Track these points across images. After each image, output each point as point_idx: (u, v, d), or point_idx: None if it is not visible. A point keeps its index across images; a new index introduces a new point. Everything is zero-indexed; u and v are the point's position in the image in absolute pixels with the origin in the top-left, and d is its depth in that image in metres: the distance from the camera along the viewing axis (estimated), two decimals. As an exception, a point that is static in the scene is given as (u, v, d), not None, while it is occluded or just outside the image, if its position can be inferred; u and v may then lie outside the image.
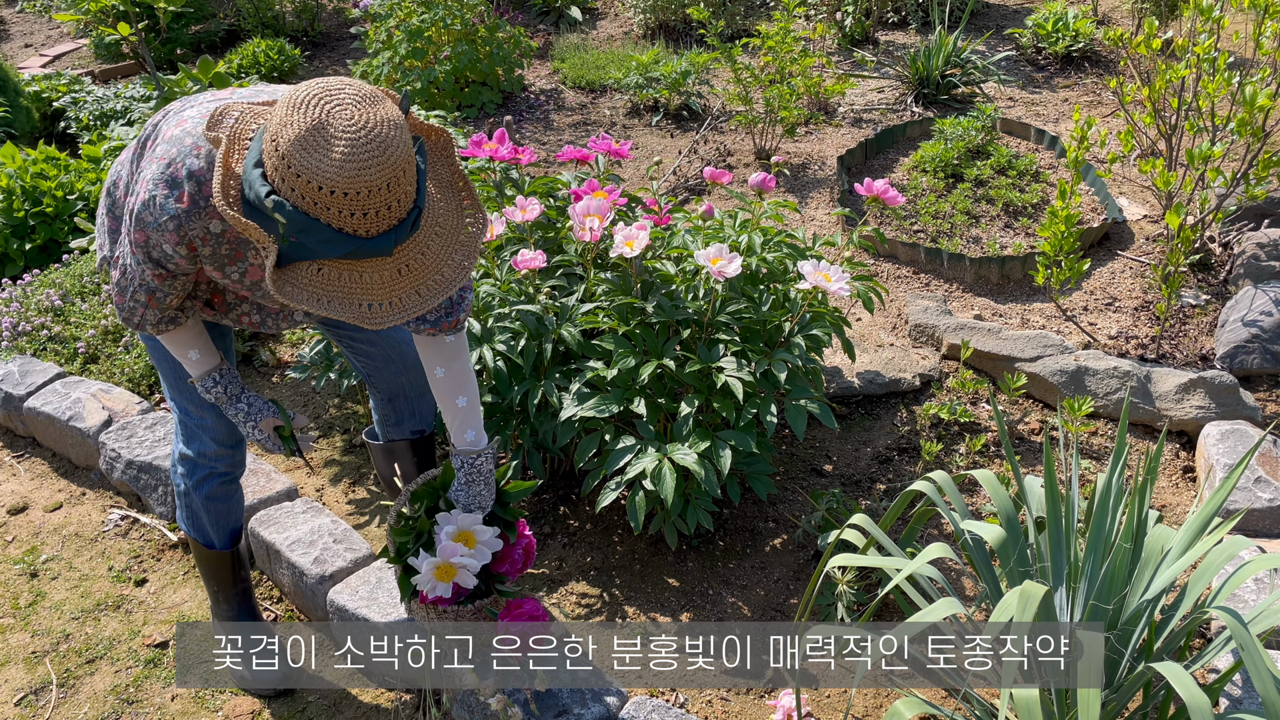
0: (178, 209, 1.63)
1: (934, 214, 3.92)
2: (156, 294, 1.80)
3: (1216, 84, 3.04)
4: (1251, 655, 1.44)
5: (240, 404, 2.00)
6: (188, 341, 1.94)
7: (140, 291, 1.79)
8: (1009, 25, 5.79)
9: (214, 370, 1.96)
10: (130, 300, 1.81)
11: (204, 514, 2.17)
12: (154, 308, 1.82)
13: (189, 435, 2.11)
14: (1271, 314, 3.06)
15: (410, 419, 2.31)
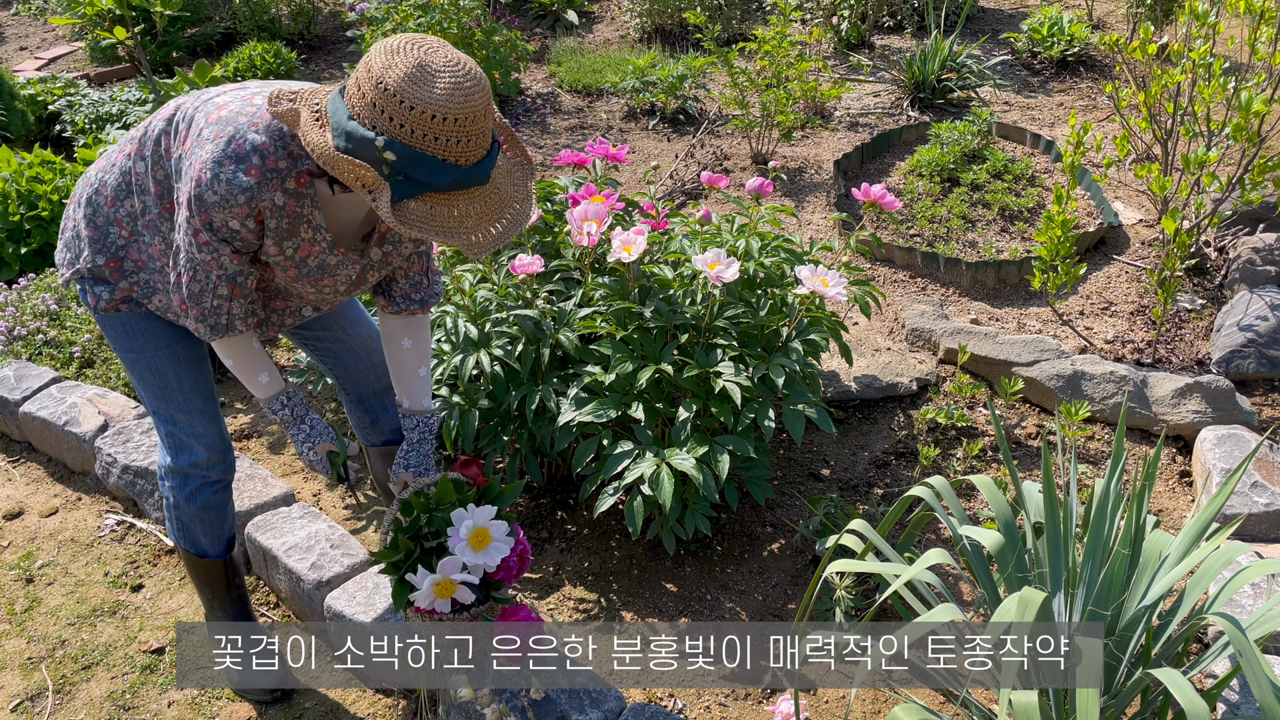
0: (249, 181, 1.65)
1: (930, 218, 3.93)
2: (237, 280, 1.77)
3: (1212, 89, 3.05)
4: (1250, 661, 1.45)
5: (304, 425, 2.01)
6: (257, 365, 1.94)
7: (222, 284, 1.77)
8: (1004, 30, 5.80)
9: (282, 393, 1.98)
10: (213, 300, 1.78)
11: (197, 524, 2.15)
12: (238, 298, 1.80)
13: (177, 447, 2.08)
14: (1267, 318, 3.06)
15: (385, 417, 2.33)
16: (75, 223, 1.97)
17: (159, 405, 2.06)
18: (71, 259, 1.97)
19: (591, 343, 2.53)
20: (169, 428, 2.08)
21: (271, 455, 2.99)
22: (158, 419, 2.08)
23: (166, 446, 2.10)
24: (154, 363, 2.02)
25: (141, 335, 2.01)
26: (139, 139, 1.87)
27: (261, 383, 1.96)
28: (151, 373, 2.03)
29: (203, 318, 1.81)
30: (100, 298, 1.96)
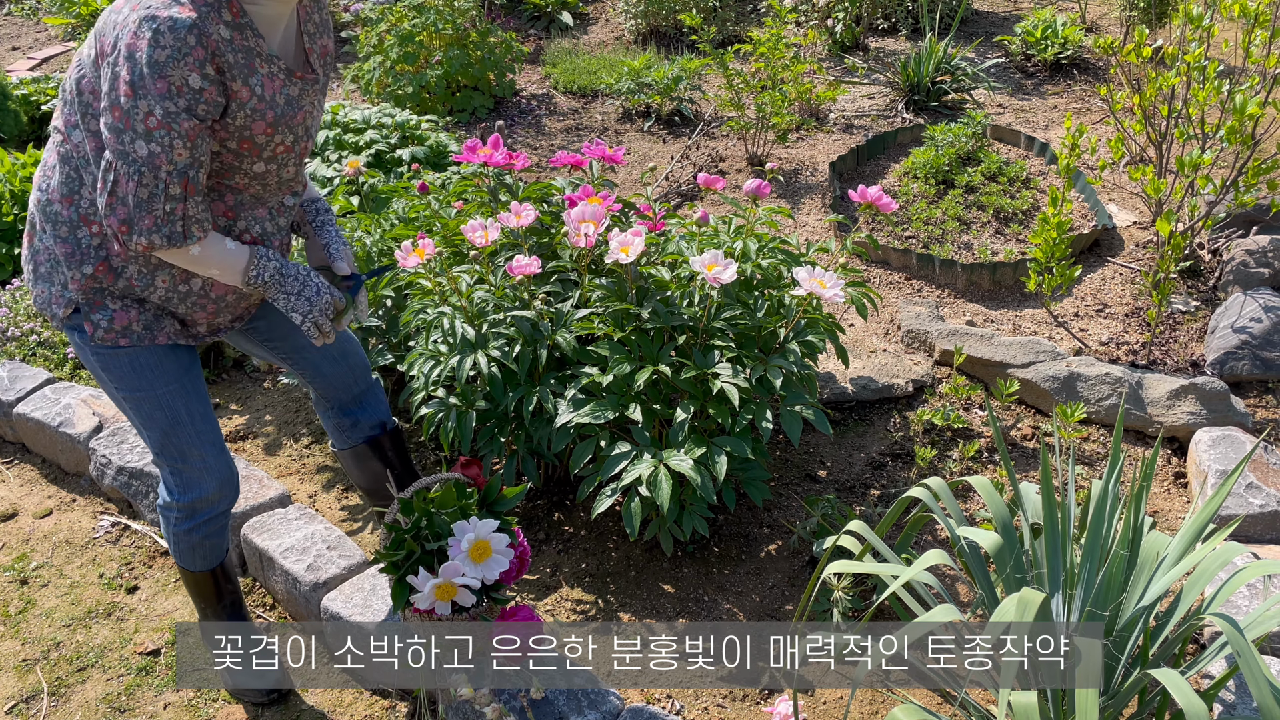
0: (189, 18, 1.59)
1: (926, 220, 3.93)
2: (189, 174, 1.66)
3: (1206, 92, 3.06)
4: (1248, 662, 1.45)
5: (292, 271, 1.87)
6: (223, 252, 1.79)
7: (174, 182, 1.64)
8: (998, 32, 5.82)
9: (254, 255, 1.83)
10: (165, 204, 1.65)
11: (197, 550, 2.13)
12: (193, 197, 1.68)
13: (185, 485, 2.02)
14: (1261, 320, 3.08)
15: (366, 415, 2.32)
16: (42, 251, 1.85)
17: (166, 443, 1.97)
18: (59, 292, 1.85)
19: (589, 344, 2.53)
20: (176, 465, 2.00)
21: (267, 456, 2.98)
22: (163, 458, 2.00)
23: (173, 485, 2.03)
24: (164, 399, 1.94)
25: (150, 372, 1.92)
26: (60, 116, 1.79)
27: (234, 263, 1.81)
28: (161, 410, 1.94)
29: (157, 227, 1.67)
30: (99, 326, 1.85)
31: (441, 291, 2.60)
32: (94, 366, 1.94)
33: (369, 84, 5.08)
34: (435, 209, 2.87)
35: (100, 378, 1.95)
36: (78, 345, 1.93)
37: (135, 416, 1.98)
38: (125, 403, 1.96)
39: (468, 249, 2.72)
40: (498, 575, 1.89)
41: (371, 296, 2.83)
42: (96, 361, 1.92)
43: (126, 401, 1.96)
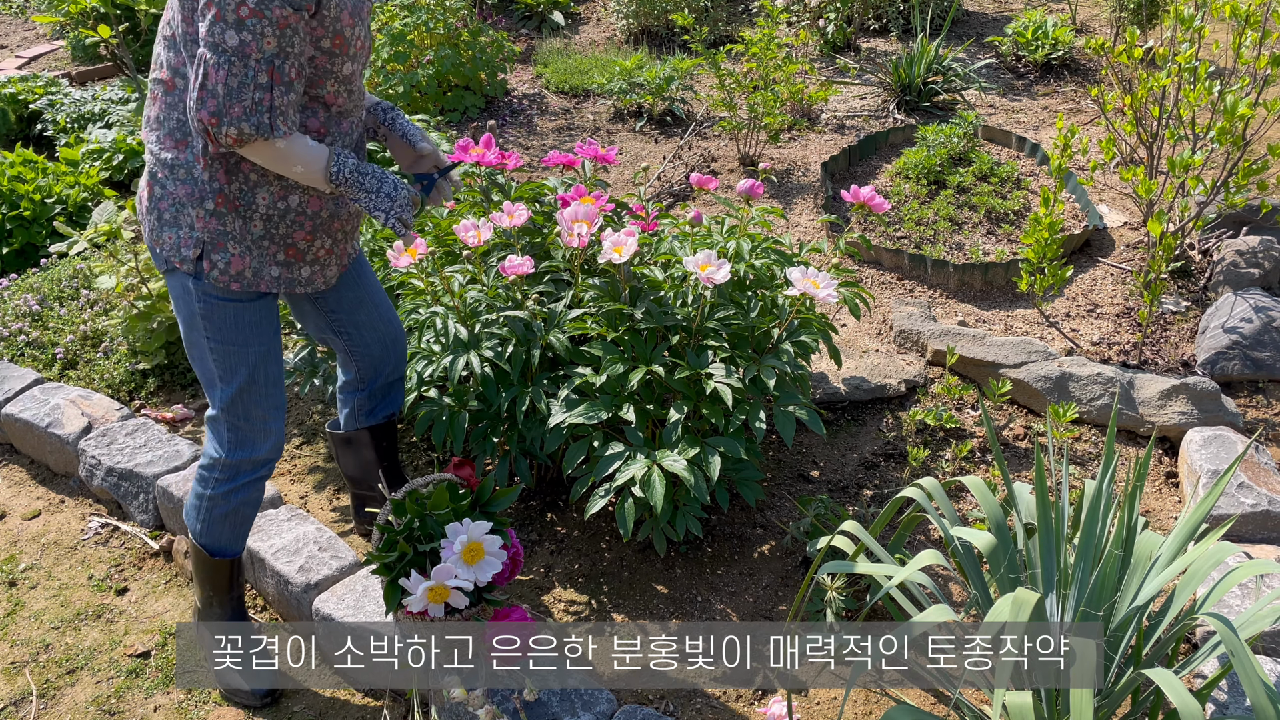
0: None
1: (917, 220, 3.94)
2: (275, 63, 1.73)
3: (1197, 93, 3.07)
4: (1242, 661, 1.45)
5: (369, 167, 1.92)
6: (307, 149, 1.84)
7: (261, 70, 1.71)
8: (989, 33, 5.83)
9: (332, 153, 1.88)
10: (254, 93, 1.71)
11: (227, 521, 2.14)
12: (279, 86, 1.74)
13: (239, 442, 2.08)
14: (1251, 320, 3.09)
15: (387, 405, 2.41)
16: (165, 198, 1.92)
17: (237, 400, 2.05)
18: (187, 234, 1.93)
19: (582, 344, 2.52)
20: (237, 422, 2.07)
21: (258, 457, 2.97)
22: (226, 413, 2.06)
23: (225, 440, 2.09)
24: (252, 358, 2.02)
25: (250, 329, 2.01)
26: (164, 66, 1.85)
27: (316, 159, 1.85)
28: (246, 367, 2.02)
29: (245, 115, 1.72)
30: (216, 266, 1.93)
31: (434, 291, 2.59)
32: (194, 315, 2.00)
33: (360, 83, 5.06)
34: (428, 209, 2.86)
35: (196, 327, 2.01)
36: (184, 293, 1.98)
37: (217, 368, 2.04)
38: (213, 354, 2.02)
39: (460, 249, 2.71)
40: (490, 577, 1.88)
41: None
42: (201, 309, 1.98)
43: (215, 353, 2.02)
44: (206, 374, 2.07)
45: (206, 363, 2.05)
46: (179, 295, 2.02)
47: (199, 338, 2.03)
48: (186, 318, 2.03)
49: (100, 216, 3.90)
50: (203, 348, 2.04)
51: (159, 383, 3.27)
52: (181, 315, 2.04)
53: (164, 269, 2.01)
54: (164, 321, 3.18)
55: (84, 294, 3.55)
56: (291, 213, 1.98)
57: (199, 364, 2.07)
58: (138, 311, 3.17)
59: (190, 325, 2.03)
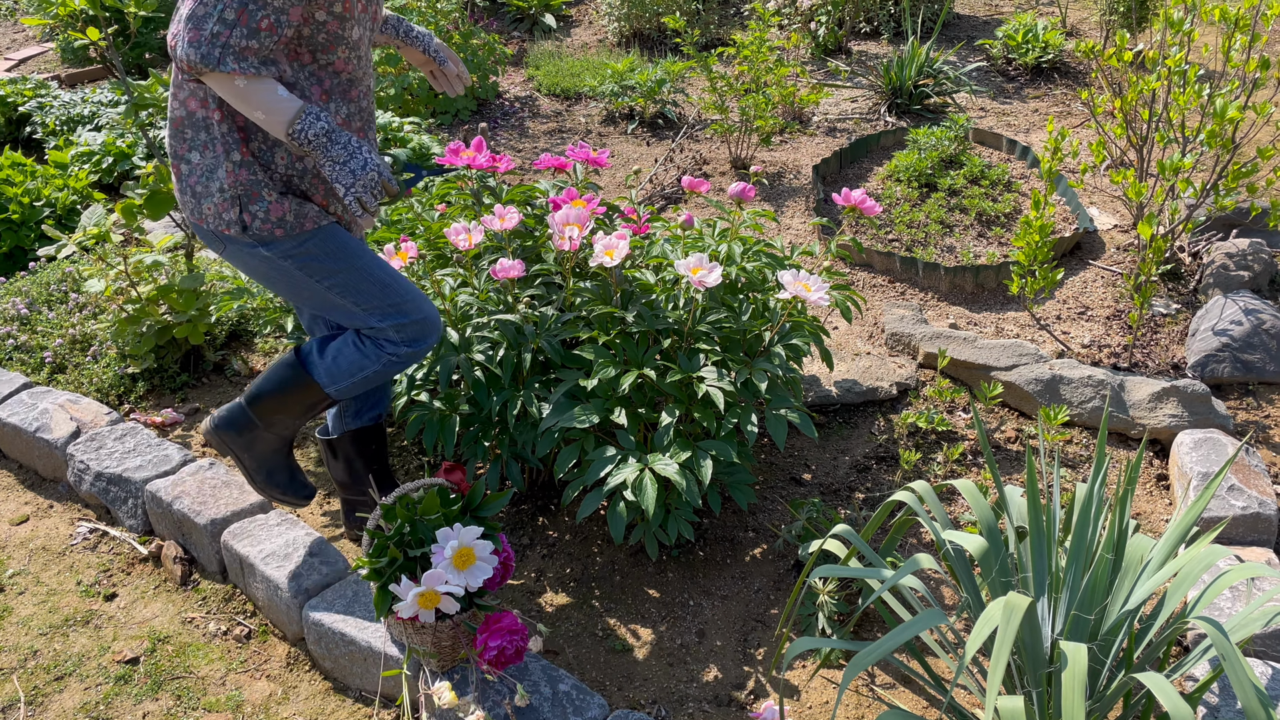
0: None
1: (909, 223, 3.94)
2: (250, 6, 1.75)
3: (1187, 96, 3.08)
4: (1233, 665, 1.45)
5: (341, 139, 1.89)
6: (266, 89, 1.82)
7: (231, 7, 1.73)
8: (980, 36, 5.85)
9: (302, 109, 1.85)
10: (215, 25, 1.74)
11: (375, 383, 2.18)
12: (242, 26, 1.76)
13: (419, 332, 2.13)
14: (1241, 323, 3.10)
15: (375, 406, 2.43)
16: (195, 169, 1.94)
17: (385, 304, 2.08)
18: (219, 198, 1.94)
19: (574, 348, 2.51)
20: (400, 321, 2.10)
21: (248, 461, 2.95)
22: (388, 321, 2.08)
23: (407, 338, 2.12)
24: (365, 265, 2.05)
25: (345, 247, 2.03)
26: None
27: (281, 110, 1.83)
28: (366, 277, 2.05)
29: (196, 44, 1.74)
30: (256, 217, 1.94)
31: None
32: (291, 272, 2.01)
33: (351, 86, 5.05)
34: (418, 212, 2.85)
35: (299, 282, 2.03)
36: (265, 263, 1.99)
37: (348, 296, 2.05)
38: (333, 290, 2.04)
39: (451, 252, 2.70)
40: (482, 582, 1.88)
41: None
42: (295, 264, 2.00)
43: (335, 288, 2.04)
44: (345, 313, 2.08)
45: (337, 304, 2.07)
46: (262, 271, 2.02)
47: (311, 289, 2.04)
48: (288, 284, 2.04)
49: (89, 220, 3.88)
50: (322, 294, 2.05)
51: (148, 386, 3.25)
52: (279, 285, 2.05)
53: (221, 248, 2.01)
54: (153, 325, 3.16)
55: (73, 297, 3.53)
56: (308, 174, 2.00)
57: (332, 310, 2.08)
58: (127, 315, 3.15)
59: (296, 285, 2.04)
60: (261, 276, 2.07)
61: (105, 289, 3.13)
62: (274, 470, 2.32)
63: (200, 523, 2.51)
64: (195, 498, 2.59)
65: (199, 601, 2.50)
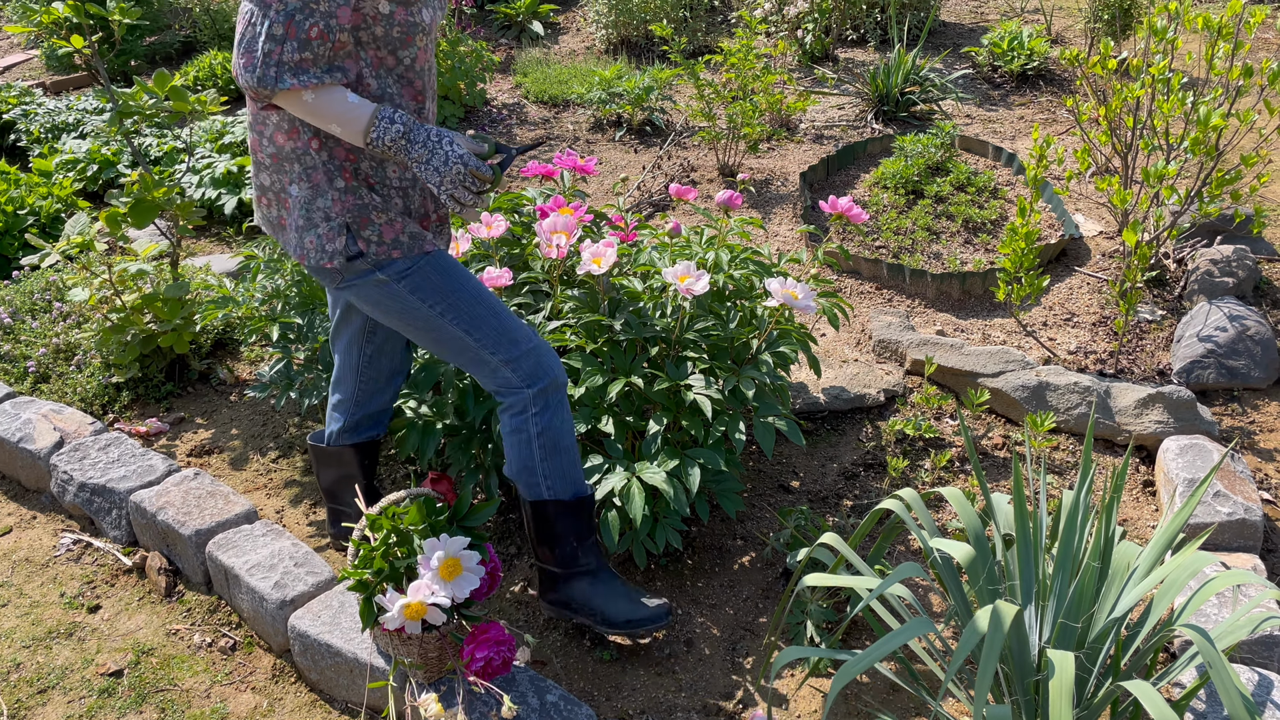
0: None
1: (895, 230, 3.95)
2: (297, 17, 1.67)
3: (1171, 104, 3.10)
4: (1219, 673, 1.46)
5: (424, 133, 1.79)
6: (335, 99, 1.74)
7: (278, 22, 1.66)
8: (966, 44, 5.87)
9: (377, 111, 1.76)
10: (265, 45, 1.68)
11: (563, 453, 2.05)
12: (292, 40, 1.68)
13: (534, 371, 2.00)
14: (1226, 329, 3.11)
15: (377, 427, 2.43)
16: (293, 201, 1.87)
17: (499, 335, 1.98)
18: (325, 228, 1.86)
19: (562, 356, 2.51)
20: (514, 354, 1.99)
21: (233, 471, 2.94)
22: (500, 354, 1.99)
23: (522, 376, 2.01)
24: (476, 291, 1.97)
25: (455, 270, 1.95)
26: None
27: (354, 118, 1.76)
28: (480, 303, 1.96)
29: (250, 67, 1.70)
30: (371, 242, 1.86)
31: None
32: (406, 305, 1.92)
33: (337, 93, 5.04)
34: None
35: (417, 313, 1.93)
36: (381, 294, 1.90)
37: (461, 324, 1.95)
38: (446, 315, 1.94)
39: (438, 260, 2.69)
40: (468, 593, 1.87)
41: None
42: (407, 287, 1.91)
43: (448, 313, 1.94)
44: (459, 345, 1.98)
45: (452, 335, 1.97)
46: (378, 300, 1.93)
47: (426, 317, 1.94)
48: (402, 312, 1.94)
49: (73, 228, 3.86)
50: (436, 324, 1.95)
51: (133, 396, 3.23)
52: (396, 316, 1.95)
53: (334, 281, 1.91)
54: (138, 334, 3.14)
55: (57, 307, 3.50)
56: (420, 183, 1.93)
57: (447, 345, 1.98)
58: (111, 324, 3.13)
59: (410, 314, 1.94)
60: (375, 305, 1.96)
61: (89, 298, 3.11)
62: (612, 599, 2.16)
63: (185, 533, 2.50)
64: (180, 508, 2.57)
65: (183, 613, 2.49)
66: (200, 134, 4.56)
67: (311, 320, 2.78)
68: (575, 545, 2.13)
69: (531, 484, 2.08)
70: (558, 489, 2.09)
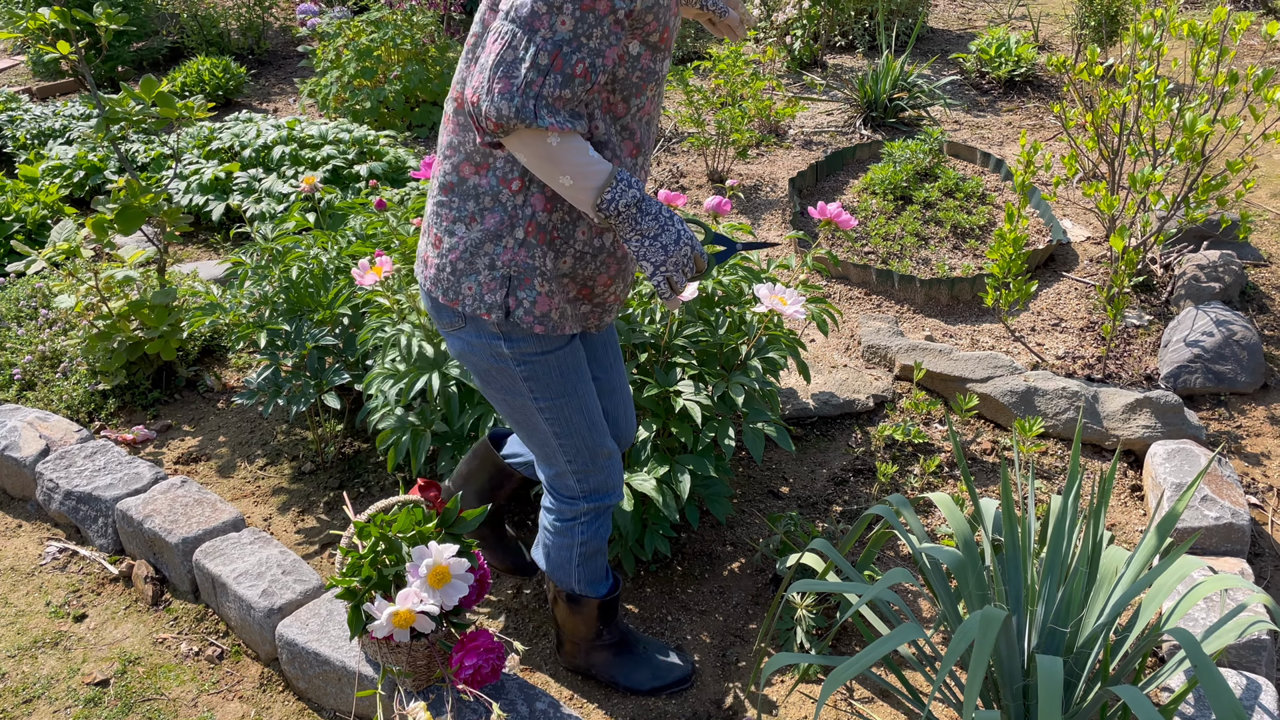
0: None
1: (884, 236, 3.96)
2: (564, 49, 1.50)
3: (1157, 110, 3.12)
4: (1207, 677, 1.46)
5: (655, 205, 1.62)
6: (577, 149, 1.56)
7: (545, 50, 1.49)
8: (953, 50, 5.90)
9: (617, 173, 1.60)
10: (528, 72, 1.49)
11: (600, 555, 2.04)
12: (556, 73, 1.50)
13: (600, 485, 1.96)
14: (1212, 334, 3.13)
15: None
16: (458, 246, 1.72)
17: (582, 446, 1.89)
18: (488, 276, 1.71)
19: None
20: (588, 467, 1.92)
21: (221, 479, 2.92)
22: (575, 464, 1.91)
23: (587, 488, 1.96)
24: (583, 400, 1.85)
25: (574, 373, 1.83)
26: (460, 63, 1.67)
27: (592, 174, 1.57)
28: (581, 413, 1.86)
29: (509, 95, 1.49)
30: (522, 303, 1.71)
31: (400, 309, 2.56)
32: (514, 381, 1.81)
33: (326, 99, 5.03)
34: (393, 225, 2.84)
35: (518, 393, 1.82)
36: (494, 361, 1.78)
37: (553, 425, 1.85)
38: (544, 412, 1.84)
39: (426, 267, 2.68)
40: (457, 601, 1.86)
41: (327, 315, 2.79)
42: (523, 372, 1.79)
43: (545, 411, 1.83)
44: (539, 437, 1.88)
45: (537, 428, 1.86)
46: (483, 368, 1.81)
47: (523, 402, 1.83)
48: (503, 386, 1.83)
49: (59, 235, 3.84)
50: (529, 412, 1.84)
51: (119, 403, 3.21)
52: (494, 389, 1.84)
53: (454, 326, 1.78)
54: (125, 341, 3.13)
55: (43, 313, 3.48)
56: (604, 252, 1.78)
57: (526, 430, 1.89)
58: (98, 331, 3.12)
59: (511, 392, 1.83)
60: (476, 369, 1.84)
61: (76, 305, 3.10)
62: (635, 669, 2.18)
63: (172, 541, 2.48)
64: (167, 516, 2.56)
65: (170, 622, 2.47)
66: (188, 140, 4.55)
67: (299, 327, 2.77)
68: (600, 628, 2.15)
69: (564, 579, 2.09)
70: (588, 589, 2.10)
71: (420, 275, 1.83)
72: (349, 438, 3.03)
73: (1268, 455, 2.89)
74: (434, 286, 1.78)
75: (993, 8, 6.64)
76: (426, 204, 1.78)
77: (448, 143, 1.74)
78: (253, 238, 3.36)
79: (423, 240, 1.82)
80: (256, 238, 3.05)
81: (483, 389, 1.88)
